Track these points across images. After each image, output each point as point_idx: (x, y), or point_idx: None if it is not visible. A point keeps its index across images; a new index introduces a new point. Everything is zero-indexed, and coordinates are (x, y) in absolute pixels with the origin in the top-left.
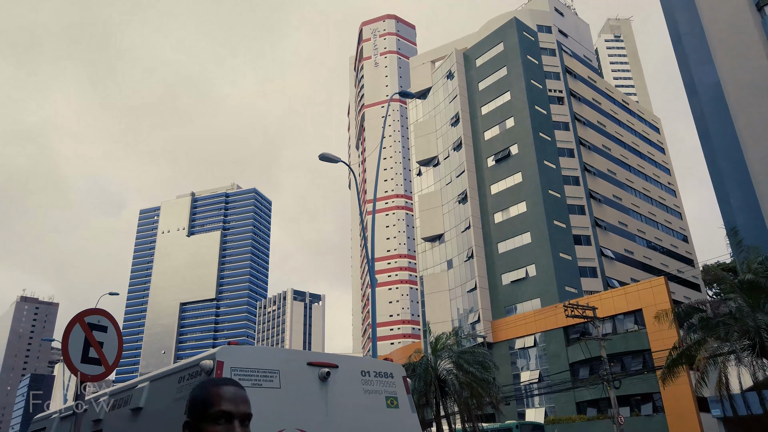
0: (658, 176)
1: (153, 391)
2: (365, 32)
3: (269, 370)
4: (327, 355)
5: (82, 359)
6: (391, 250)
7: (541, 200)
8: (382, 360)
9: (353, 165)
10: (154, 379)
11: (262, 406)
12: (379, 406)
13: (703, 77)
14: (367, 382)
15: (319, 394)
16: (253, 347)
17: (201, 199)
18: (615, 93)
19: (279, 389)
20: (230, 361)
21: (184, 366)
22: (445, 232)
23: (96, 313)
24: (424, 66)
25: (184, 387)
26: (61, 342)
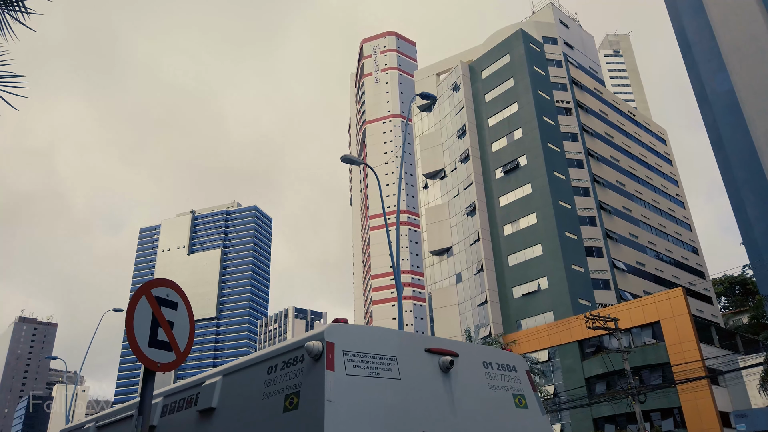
0: (666, 187)
1: (230, 387)
2: (366, 49)
3: (386, 356)
4: (446, 341)
5: (150, 342)
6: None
7: (552, 211)
8: (502, 350)
9: (355, 181)
10: (231, 372)
11: (382, 401)
12: (507, 406)
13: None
14: (491, 376)
15: (442, 388)
16: (365, 326)
17: (201, 217)
18: (621, 104)
19: (399, 381)
20: (342, 343)
21: (278, 351)
22: (453, 245)
23: (164, 284)
24: (429, 79)
25: (279, 378)
26: (125, 319)
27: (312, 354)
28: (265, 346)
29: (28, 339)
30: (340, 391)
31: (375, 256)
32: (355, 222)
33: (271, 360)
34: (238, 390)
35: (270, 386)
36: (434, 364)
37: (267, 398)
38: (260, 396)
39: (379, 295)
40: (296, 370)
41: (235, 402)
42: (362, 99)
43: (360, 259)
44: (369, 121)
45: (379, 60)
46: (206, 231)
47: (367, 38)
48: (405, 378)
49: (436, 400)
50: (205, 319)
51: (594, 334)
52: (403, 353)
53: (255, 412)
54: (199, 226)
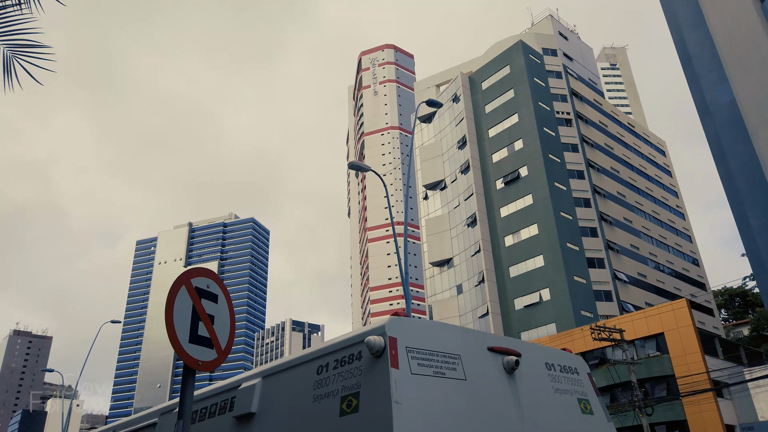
0: (666, 199)
1: (271, 389)
2: (364, 62)
3: (450, 354)
4: (507, 339)
5: (190, 338)
6: (392, 278)
7: (553, 222)
8: (562, 351)
9: (353, 193)
10: (272, 373)
11: (449, 404)
12: (572, 412)
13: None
14: (555, 379)
15: (507, 391)
16: (426, 321)
17: (198, 229)
18: (621, 116)
19: (464, 381)
20: (404, 339)
21: (329, 348)
22: (454, 257)
23: (204, 275)
24: (429, 90)
25: (332, 378)
26: (165, 311)
27: (373, 350)
28: (262, 360)
29: (22, 352)
30: (406, 391)
31: (373, 268)
32: (353, 234)
33: (321, 359)
34: (281, 393)
35: (321, 387)
36: (498, 364)
37: (318, 401)
38: (309, 399)
39: (378, 307)
40: (353, 368)
41: (279, 406)
42: (360, 111)
43: (358, 271)
44: (367, 133)
45: (377, 72)
46: (203, 243)
47: (366, 51)
48: (470, 379)
49: (502, 405)
50: None
51: (598, 345)
52: (467, 351)
53: (304, 416)
54: (196, 239)
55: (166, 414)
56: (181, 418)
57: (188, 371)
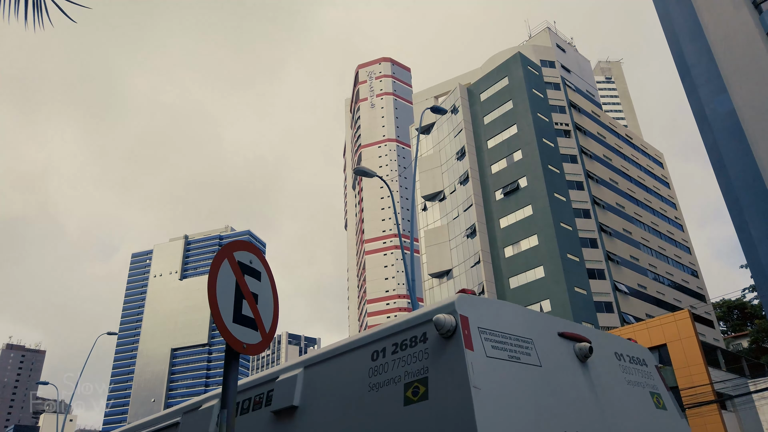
0: (665, 210)
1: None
2: (361, 74)
3: (522, 337)
4: (575, 325)
5: (234, 317)
6: (389, 291)
7: (553, 233)
8: (628, 340)
9: (350, 205)
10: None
11: (527, 392)
12: (647, 406)
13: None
14: (626, 370)
15: (582, 380)
16: (496, 300)
17: (194, 242)
18: (618, 127)
19: (540, 368)
20: (477, 318)
21: (386, 331)
22: (453, 268)
23: (247, 248)
24: (428, 101)
25: (390, 364)
26: (208, 286)
27: (442, 330)
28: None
29: (15, 367)
30: (483, 376)
31: (371, 281)
32: (350, 246)
33: (376, 343)
34: (328, 383)
35: (378, 375)
36: (569, 351)
37: (376, 390)
38: (364, 388)
39: (376, 320)
40: (417, 352)
41: (327, 397)
42: (357, 124)
43: (355, 283)
44: (364, 146)
45: (374, 85)
46: (199, 256)
47: (363, 64)
48: (545, 366)
49: (579, 395)
50: (197, 345)
51: None
52: (539, 336)
53: (359, 407)
54: (192, 251)
55: (190, 413)
56: (225, 408)
57: (231, 355)
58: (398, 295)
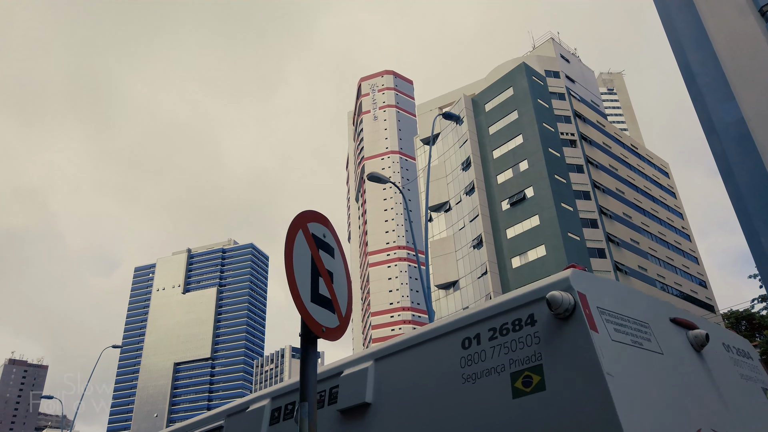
0: (671, 220)
1: (392, 373)
2: (364, 87)
3: (640, 321)
4: (683, 311)
5: (312, 296)
6: (394, 303)
7: (561, 243)
8: (730, 331)
9: (353, 218)
10: (387, 354)
11: (653, 381)
12: (761, 403)
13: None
14: (737, 362)
15: (701, 372)
16: (610, 280)
17: (197, 255)
18: (624, 137)
19: (662, 356)
20: (594, 297)
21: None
22: (460, 279)
23: (320, 221)
24: (432, 112)
25: (489, 351)
26: (285, 259)
27: (559, 309)
28: (261, 387)
29: (17, 382)
30: (613, 362)
31: (375, 293)
32: (353, 259)
33: (467, 329)
34: (407, 376)
35: (473, 365)
36: (683, 339)
37: (473, 381)
38: (456, 380)
39: (380, 332)
40: (523, 336)
41: (407, 393)
42: (360, 136)
43: (359, 296)
44: (367, 158)
45: (377, 98)
46: (202, 269)
47: (365, 77)
48: (666, 353)
49: (701, 387)
50: (200, 360)
51: None
52: (654, 321)
53: (452, 402)
54: (195, 265)
55: (234, 416)
56: (305, 400)
57: (309, 340)
58: (402, 307)
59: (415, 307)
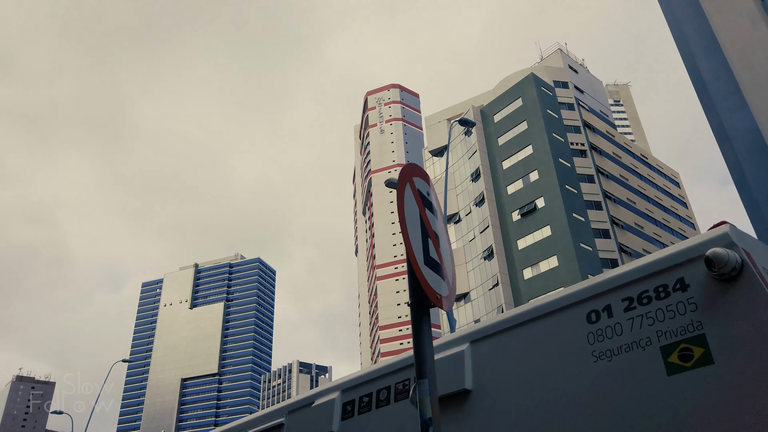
0: (683, 230)
1: (496, 355)
2: (370, 101)
3: None
4: None
5: (424, 258)
6: (402, 317)
7: (573, 254)
8: None
9: (361, 231)
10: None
11: None
12: None
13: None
14: None
15: None
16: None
17: (204, 270)
18: (633, 147)
19: None
20: (759, 257)
21: (612, 282)
22: (470, 291)
23: (424, 177)
24: (440, 124)
25: (627, 324)
26: (399, 216)
27: (725, 269)
28: (269, 404)
29: (24, 399)
30: None
31: (383, 307)
32: (361, 273)
33: (592, 301)
34: (516, 359)
35: (605, 340)
36: None
37: (608, 359)
38: (584, 359)
39: (389, 346)
40: (673, 304)
41: (518, 377)
42: (367, 149)
43: (367, 310)
44: (374, 171)
45: (383, 111)
46: (209, 284)
47: (372, 91)
48: None
49: None
50: (207, 375)
51: None
52: None
53: (582, 385)
54: (202, 280)
55: (296, 412)
56: (424, 377)
57: (423, 308)
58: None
59: None
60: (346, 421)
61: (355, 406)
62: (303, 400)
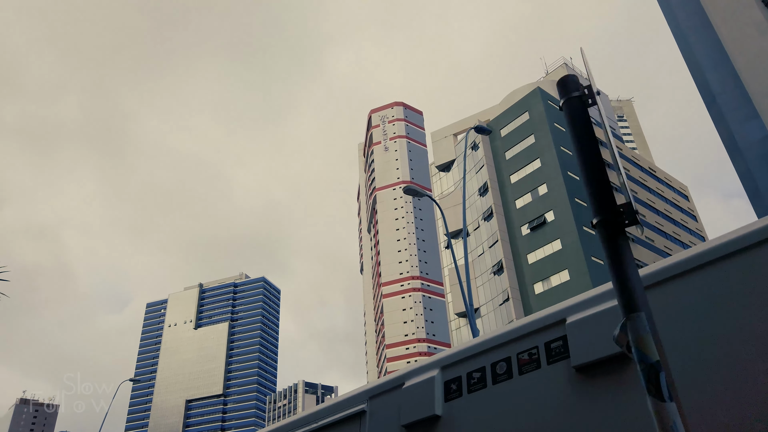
0: (693, 243)
1: (661, 309)
2: (374, 119)
3: None
4: None
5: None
6: (409, 335)
7: (585, 268)
8: None
9: (366, 248)
10: (677, 275)
11: None
12: None
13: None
14: None
15: None
16: None
17: (209, 290)
18: (641, 160)
19: None
20: None
21: None
22: (481, 306)
23: None
24: (447, 139)
25: None
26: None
27: None
28: None
29: (28, 422)
30: None
31: (389, 324)
32: (366, 290)
33: None
34: (694, 310)
35: None
36: None
37: None
38: None
39: (395, 365)
40: None
41: (695, 331)
42: (371, 167)
43: (372, 328)
44: (379, 188)
45: (387, 129)
46: (214, 304)
47: (375, 109)
48: None
49: None
50: (212, 396)
51: None
52: None
53: None
54: (207, 300)
55: (379, 397)
56: (635, 310)
57: (615, 228)
58: (418, 339)
59: (431, 338)
60: (453, 402)
61: (462, 384)
62: (388, 383)
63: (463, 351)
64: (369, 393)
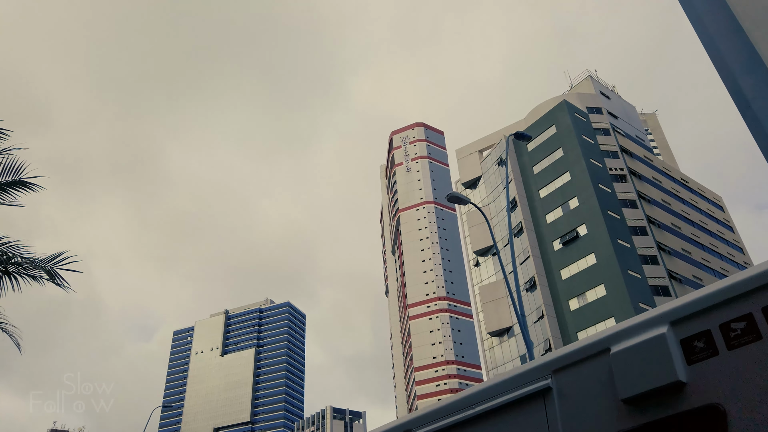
0: (732, 255)
1: None
2: (395, 140)
3: None
4: None
5: None
6: (437, 357)
7: (622, 282)
8: None
9: (390, 270)
10: None
11: None
12: None
13: None
14: None
15: None
16: None
17: (235, 317)
18: (673, 171)
19: None
20: None
21: None
22: (513, 325)
23: None
24: (472, 156)
25: None
26: None
27: None
28: None
29: None
30: None
31: (417, 347)
32: (392, 313)
33: None
34: None
35: None
36: None
37: None
38: None
39: (425, 388)
40: None
41: None
42: (394, 188)
43: (400, 351)
44: (402, 209)
45: (409, 150)
46: (240, 330)
47: (396, 130)
48: None
49: None
50: (240, 424)
51: None
52: None
53: None
54: (233, 326)
55: (571, 369)
56: None
57: None
58: (447, 361)
59: (460, 360)
60: (701, 364)
61: (713, 341)
62: (583, 350)
63: (696, 300)
64: (551, 366)
